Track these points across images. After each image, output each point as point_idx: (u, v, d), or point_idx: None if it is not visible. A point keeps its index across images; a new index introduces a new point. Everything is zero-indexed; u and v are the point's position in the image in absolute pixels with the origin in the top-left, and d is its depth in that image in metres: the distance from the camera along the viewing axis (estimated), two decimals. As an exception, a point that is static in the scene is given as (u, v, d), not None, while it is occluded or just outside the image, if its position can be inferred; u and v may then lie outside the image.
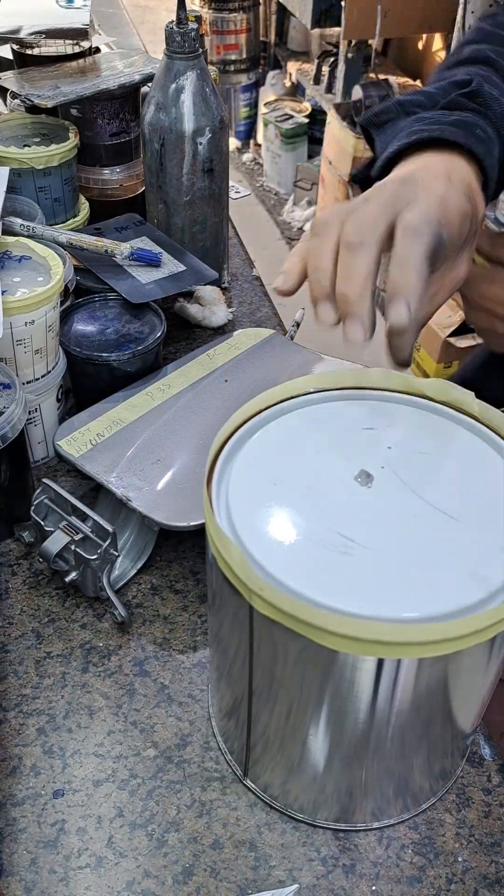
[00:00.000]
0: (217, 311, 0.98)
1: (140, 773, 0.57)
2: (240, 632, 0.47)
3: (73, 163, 0.96)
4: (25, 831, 0.54)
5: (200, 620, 0.67)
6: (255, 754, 0.54)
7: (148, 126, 0.92)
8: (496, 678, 0.50)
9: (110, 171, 1.06)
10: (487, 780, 0.58)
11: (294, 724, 0.49)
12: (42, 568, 0.71)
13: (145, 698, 0.62)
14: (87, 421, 0.76)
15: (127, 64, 1.04)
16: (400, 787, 0.53)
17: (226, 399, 0.78)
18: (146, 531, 0.71)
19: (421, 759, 0.52)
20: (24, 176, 0.92)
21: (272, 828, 0.55)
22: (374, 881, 0.53)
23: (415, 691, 0.45)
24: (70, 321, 0.84)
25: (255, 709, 0.51)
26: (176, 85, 0.89)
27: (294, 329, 0.92)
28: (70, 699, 0.61)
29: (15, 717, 0.60)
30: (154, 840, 0.54)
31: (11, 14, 1.08)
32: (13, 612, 0.67)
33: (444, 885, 0.53)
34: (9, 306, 0.70)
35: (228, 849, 0.54)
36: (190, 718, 0.61)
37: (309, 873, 0.53)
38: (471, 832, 0.55)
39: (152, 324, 0.85)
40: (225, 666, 0.53)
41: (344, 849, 0.54)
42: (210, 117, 0.90)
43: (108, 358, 0.80)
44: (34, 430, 0.78)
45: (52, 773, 0.57)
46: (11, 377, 0.70)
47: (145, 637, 0.66)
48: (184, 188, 0.94)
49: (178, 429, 0.75)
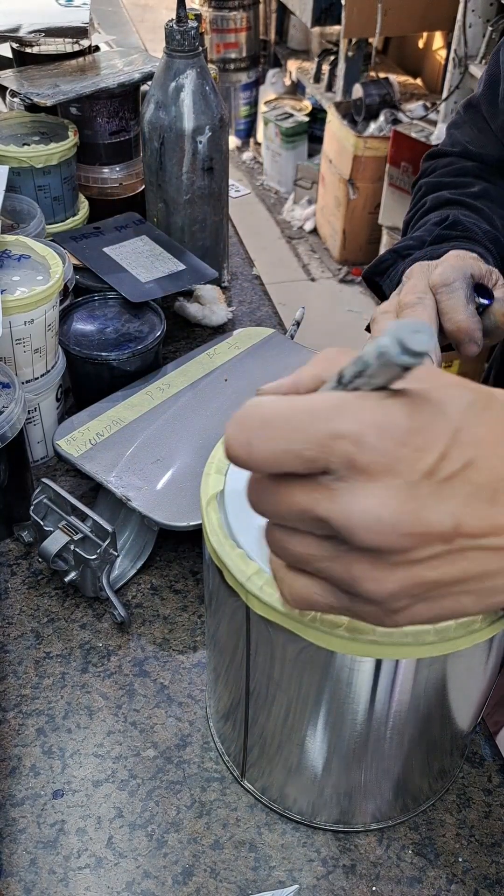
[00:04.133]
0: (217, 310, 0.98)
1: (140, 773, 0.57)
2: (237, 633, 0.47)
3: (73, 161, 0.96)
4: (25, 832, 0.54)
5: (200, 620, 0.67)
6: (253, 757, 0.54)
7: (147, 125, 0.92)
8: (494, 677, 0.50)
9: (110, 169, 1.05)
10: (488, 781, 0.58)
11: (292, 726, 0.49)
12: (41, 568, 0.71)
13: (145, 699, 0.62)
14: (87, 420, 0.76)
15: (126, 62, 1.03)
16: (399, 787, 0.53)
17: (226, 398, 0.78)
18: (146, 531, 0.71)
19: (420, 758, 0.51)
20: (24, 175, 0.92)
21: (272, 828, 0.55)
22: (375, 882, 0.53)
23: (413, 692, 0.45)
24: (69, 320, 0.84)
25: (253, 711, 0.50)
26: (176, 83, 0.89)
27: (294, 328, 0.92)
28: (69, 699, 0.61)
29: (14, 717, 0.60)
30: (154, 840, 0.54)
31: (11, 12, 1.08)
32: (12, 612, 0.67)
33: (445, 885, 0.52)
34: (8, 305, 0.69)
35: (228, 849, 0.54)
36: (190, 719, 0.60)
37: (309, 874, 0.53)
38: (471, 832, 0.55)
39: (152, 323, 0.85)
40: (222, 667, 0.53)
41: (344, 849, 0.54)
42: (210, 116, 0.90)
43: (107, 357, 0.79)
44: (33, 430, 0.78)
45: (51, 773, 0.57)
46: (11, 376, 0.70)
47: (145, 637, 0.66)
48: (183, 187, 0.93)
49: (178, 428, 0.75)
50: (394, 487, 0.30)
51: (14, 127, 0.98)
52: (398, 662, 0.43)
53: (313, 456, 0.30)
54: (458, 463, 0.31)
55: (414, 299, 0.57)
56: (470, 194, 0.75)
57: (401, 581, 0.31)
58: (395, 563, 0.31)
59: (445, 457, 0.30)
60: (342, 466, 0.30)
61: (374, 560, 0.31)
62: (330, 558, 0.32)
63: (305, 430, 0.30)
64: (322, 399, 0.31)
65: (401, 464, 0.30)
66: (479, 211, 0.73)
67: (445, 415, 0.31)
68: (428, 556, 0.31)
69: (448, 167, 0.80)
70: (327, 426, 0.30)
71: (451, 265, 0.59)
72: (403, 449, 0.30)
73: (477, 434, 0.31)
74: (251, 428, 0.31)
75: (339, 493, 0.31)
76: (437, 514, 0.30)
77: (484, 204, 0.74)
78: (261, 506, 0.33)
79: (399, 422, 0.30)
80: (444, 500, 0.30)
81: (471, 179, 0.77)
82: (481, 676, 0.48)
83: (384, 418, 0.30)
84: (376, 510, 0.30)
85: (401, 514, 0.30)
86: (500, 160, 0.79)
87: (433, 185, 0.78)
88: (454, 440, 0.31)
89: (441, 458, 0.30)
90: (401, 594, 0.32)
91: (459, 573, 0.32)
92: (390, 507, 0.30)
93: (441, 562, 0.31)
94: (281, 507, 0.32)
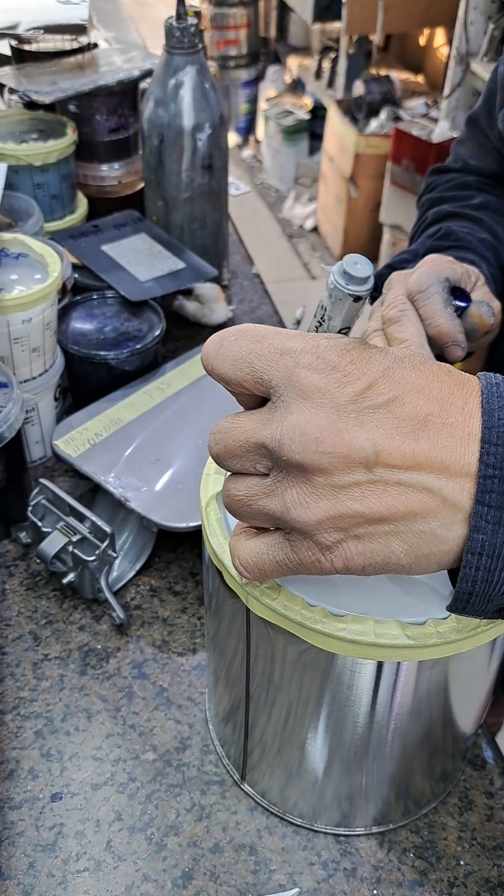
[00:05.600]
0: (216, 308, 0.97)
1: (139, 776, 0.57)
2: (237, 635, 0.46)
3: (71, 159, 0.96)
4: (23, 835, 0.54)
5: (200, 622, 0.67)
6: (253, 760, 0.53)
7: (147, 122, 0.91)
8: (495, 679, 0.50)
9: (109, 167, 1.05)
10: (490, 784, 0.57)
11: (292, 729, 0.48)
12: (39, 569, 0.70)
13: (144, 701, 0.61)
14: (85, 420, 0.76)
15: (125, 59, 1.03)
16: (400, 790, 0.52)
17: (226, 398, 0.77)
18: (145, 532, 0.70)
19: (421, 761, 0.51)
20: (22, 172, 0.92)
21: (272, 831, 0.54)
22: (376, 885, 0.52)
23: (414, 694, 0.45)
24: (68, 319, 0.84)
25: (253, 713, 0.50)
26: (175, 80, 0.88)
27: (295, 327, 0.92)
28: (68, 702, 0.61)
29: (12, 719, 0.60)
30: (153, 844, 0.54)
31: (9, 10, 1.07)
32: (10, 613, 0.67)
33: (446, 888, 0.52)
34: (6, 304, 0.69)
35: (228, 853, 0.53)
36: (189, 721, 0.60)
37: (310, 877, 0.52)
38: (473, 836, 0.54)
39: (151, 322, 0.84)
40: (222, 670, 0.52)
41: (345, 852, 0.54)
42: (209, 113, 0.90)
43: (106, 356, 0.79)
44: (31, 430, 0.77)
45: (49, 776, 0.57)
46: (8, 376, 0.69)
47: (144, 639, 0.65)
48: (183, 185, 0.93)
49: (178, 428, 0.75)
50: (321, 406, 0.33)
51: (12, 124, 0.98)
52: (399, 665, 0.42)
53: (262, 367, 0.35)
54: (385, 395, 0.34)
55: (396, 313, 0.57)
56: (471, 206, 0.75)
57: (326, 508, 0.33)
58: (319, 485, 0.33)
59: (373, 386, 0.34)
60: (281, 381, 0.34)
61: (301, 482, 0.34)
62: (267, 493, 0.35)
63: (265, 342, 0.35)
64: (288, 330, 0.36)
65: (331, 385, 0.33)
66: (479, 222, 0.73)
67: (382, 356, 0.35)
68: (351, 482, 0.33)
69: (450, 182, 0.81)
70: (281, 342, 0.35)
71: (424, 271, 0.59)
72: (334, 372, 0.34)
73: (406, 377, 0.34)
74: (227, 333, 0.36)
75: (277, 414, 0.34)
76: (358, 436, 0.33)
77: (485, 215, 0.74)
78: (216, 443, 0.37)
79: (336, 351, 0.34)
80: (366, 426, 0.33)
81: (472, 192, 0.78)
82: (483, 679, 0.48)
83: (325, 346, 0.34)
84: (302, 425, 0.33)
85: (324, 430, 0.33)
86: (500, 172, 0.80)
87: (435, 201, 0.79)
88: (384, 375, 0.34)
89: (369, 386, 0.34)
90: (328, 524, 0.34)
91: (384, 508, 0.33)
92: (314, 423, 0.33)
93: (364, 491, 0.33)
94: (231, 438, 0.36)
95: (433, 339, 0.57)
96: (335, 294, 0.34)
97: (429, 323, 0.57)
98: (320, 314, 0.36)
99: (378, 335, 0.58)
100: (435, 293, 0.58)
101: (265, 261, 2.93)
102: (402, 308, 0.57)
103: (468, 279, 0.61)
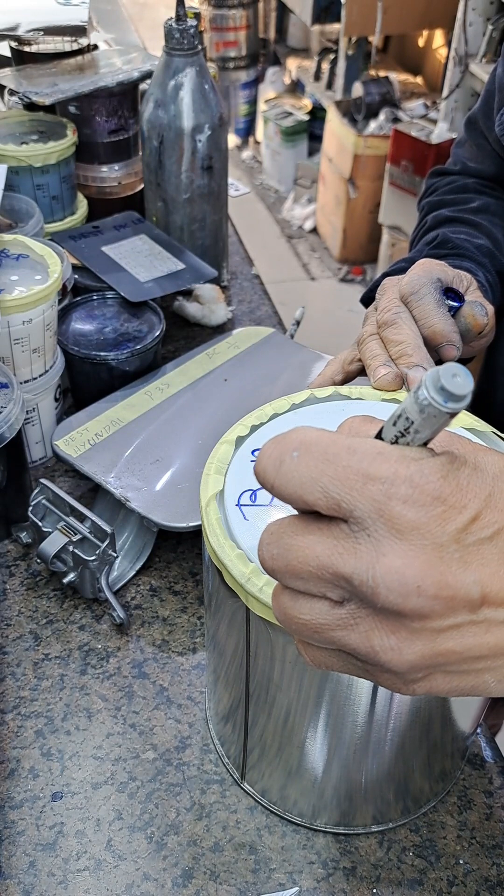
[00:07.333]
0: (216, 309, 0.97)
1: (139, 775, 0.57)
2: (236, 634, 0.46)
3: (72, 160, 0.96)
4: (24, 834, 0.54)
5: (200, 622, 0.67)
6: (253, 759, 0.54)
7: (147, 123, 0.91)
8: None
9: (109, 168, 1.05)
10: (489, 783, 0.57)
11: (292, 728, 0.49)
12: (40, 569, 0.71)
13: (144, 700, 0.61)
14: (86, 420, 0.76)
15: (125, 61, 1.03)
16: (400, 789, 0.52)
17: (225, 398, 0.78)
18: (145, 532, 0.70)
19: (421, 760, 0.51)
20: (22, 174, 0.92)
21: (272, 830, 0.55)
22: (375, 884, 0.52)
23: (415, 694, 0.45)
24: (68, 320, 0.84)
25: (253, 712, 0.50)
26: (175, 82, 0.88)
27: (294, 328, 0.92)
28: (68, 701, 0.61)
29: (13, 719, 0.60)
30: (153, 843, 0.54)
31: (10, 11, 1.08)
32: (11, 613, 0.67)
33: (446, 887, 0.52)
34: (6, 305, 0.69)
35: (228, 852, 0.53)
36: (189, 721, 0.60)
37: (309, 876, 0.52)
38: (472, 834, 0.55)
39: (151, 322, 0.84)
40: (222, 669, 0.52)
41: (344, 851, 0.54)
42: (209, 114, 0.90)
43: (106, 357, 0.79)
44: (32, 430, 0.78)
45: (50, 775, 0.57)
46: (9, 376, 0.69)
47: (144, 639, 0.66)
48: (183, 186, 0.93)
49: (178, 428, 0.75)
50: (421, 547, 0.29)
51: (12, 126, 0.98)
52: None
53: (340, 494, 0.29)
54: (491, 528, 0.29)
55: (391, 316, 0.57)
56: (469, 210, 0.75)
57: (421, 652, 0.30)
58: (416, 630, 0.29)
59: (477, 520, 0.29)
60: (369, 514, 0.29)
61: (394, 627, 0.30)
62: (344, 626, 0.30)
63: (339, 463, 0.29)
64: (364, 442, 0.30)
65: (431, 522, 0.29)
66: (477, 226, 0.73)
67: (480, 478, 0.30)
68: (451, 625, 0.29)
69: (449, 185, 0.81)
70: (361, 465, 0.29)
71: (417, 274, 0.59)
72: (435, 506, 0.29)
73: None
74: (287, 448, 0.30)
75: (363, 548, 0.29)
76: (464, 580, 0.29)
77: (483, 218, 0.74)
78: (274, 559, 0.31)
79: (434, 478, 0.29)
80: (472, 566, 0.29)
81: (471, 195, 0.78)
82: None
83: (420, 472, 0.29)
84: (400, 570, 0.28)
85: (426, 576, 0.29)
86: (498, 174, 0.80)
87: (434, 204, 0.79)
88: (487, 504, 0.29)
89: (473, 520, 0.29)
90: (421, 665, 0.30)
91: (485, 649, 0.30)
92: (416, 568, 0.29)
93: (464, 633, 0.30)
94: (297, 559, 0.30)
95: (428, 340, 0.57)
96: (429, 411, 0.29)
97: (423, 323, 0.57)
98: (404, 425, 0.31)
99: (373, 339, 0.58)
100: (427, 294, 0.57)
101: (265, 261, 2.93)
102: (396, 311, 0.57)
103: (460, 282, 0.62)
